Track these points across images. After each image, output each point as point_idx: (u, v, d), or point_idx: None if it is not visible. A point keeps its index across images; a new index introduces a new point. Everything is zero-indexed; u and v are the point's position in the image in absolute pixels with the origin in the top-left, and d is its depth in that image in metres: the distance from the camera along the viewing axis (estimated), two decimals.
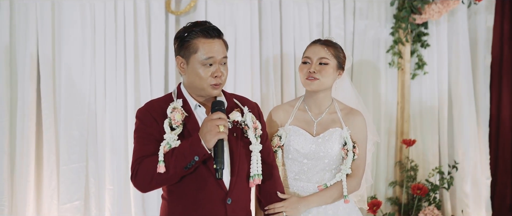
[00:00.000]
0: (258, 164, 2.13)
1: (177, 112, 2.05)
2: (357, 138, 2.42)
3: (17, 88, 3.17)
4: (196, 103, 2.12)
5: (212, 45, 2.05)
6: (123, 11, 3.29)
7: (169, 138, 2.00)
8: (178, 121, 2.04)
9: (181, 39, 2.07)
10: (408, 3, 3.68)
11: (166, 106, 2.08)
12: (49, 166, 3.23)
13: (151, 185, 2.03)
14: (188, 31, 2.07)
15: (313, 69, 2.37)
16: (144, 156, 2.02)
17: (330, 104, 2.47)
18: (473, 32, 4.01)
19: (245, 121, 2.14)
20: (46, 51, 3.20)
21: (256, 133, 2.15)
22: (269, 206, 2.30)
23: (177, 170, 1.97)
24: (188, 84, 2.12)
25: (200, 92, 2.11)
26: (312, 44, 2.45)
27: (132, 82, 3.31)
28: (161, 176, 1.98)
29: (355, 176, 2.43)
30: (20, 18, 3.16)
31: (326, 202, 2.39)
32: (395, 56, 3.81)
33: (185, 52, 2.07)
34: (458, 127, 3.93)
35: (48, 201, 3.23)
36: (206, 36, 2.05)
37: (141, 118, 2.11)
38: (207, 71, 2.05)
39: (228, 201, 2.07)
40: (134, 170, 2.03)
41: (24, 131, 3.16)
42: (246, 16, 3.47)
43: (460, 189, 3.91)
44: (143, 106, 2.16)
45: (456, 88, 3.93)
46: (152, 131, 2.05)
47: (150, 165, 1.99)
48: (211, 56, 2.04)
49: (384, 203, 3.76)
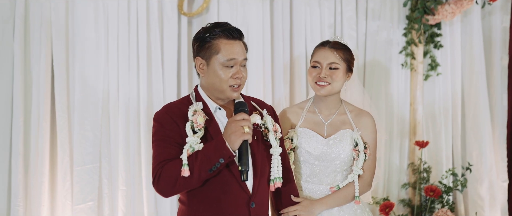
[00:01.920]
0: (279, 167, 2.11)
1: (199, 115, 2.00)
2: (367, 139, 2.42)
3: (32, 89, 3.20)
4: (216, 106, 2.09)
5: (234, 47, 2.02)
6: (136, 13, 3.31)
7: (192, 141, 1.95)
8: (200, 124, 1.99)
9: (202, 40, 2.03)
10: (421, 4, 3.66)
11: (185, 109, 2.04)
12: (63, 167, 3.26)
13: (175, 190, 1.97)
14: (209, 31, 2.02)
15: (324, 74, 2.36)
16: (166, 160, 1.97)
17: (340, 106, 2.47)
18: (487, 32, 3.97)
19: (264, 124, 2.12)
20: (60, 52, 3.23)
21: (276, 136, 2.13)
22: (283, 210, 2.29)
23: (202, 174, 1.93)
24: (208, 85, 2.08)
25: (219, 94, 2.08)
26: (321, 47, 2.43)
27: (145, 83, 3.33)
28: (185, 180, 1.92)
29: (366, 177, 2.42)
30: (34, 19, 3.19)
31: (339, 204, 2.39)
32: (408, 57, 3.79)
33: (206, 53, 2.03)
34: (472, 128, 3.90)
35: (62, 202, 3.26)
36: (228, 37, 2.02)
37: (160, 121, 2.03)
38: (227, 72, 2.02)
39: (252, 205, 2.04)
40: (156, 174, 1.97)
41: (38, 132, 3.19)
42: (258, 17, 3.48)
43: (474, 191, 3.88)
44: (161, 109, 2.10)
45: (470, 89, 3.89)
46: (173, 134, 2.00)
47: (173, 169, 1.93)
48: (232, 57, 2.01)
49: (396, 205, 3.74)
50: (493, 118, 3.95)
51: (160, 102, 3.32)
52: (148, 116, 3.32)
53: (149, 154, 3.31)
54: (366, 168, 2.41)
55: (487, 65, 3.94)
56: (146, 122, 3.31)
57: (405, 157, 3.86)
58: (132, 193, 3.32)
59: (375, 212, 3.61)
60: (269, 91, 3.51)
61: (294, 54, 3.63)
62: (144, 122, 3.31)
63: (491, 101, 3.96)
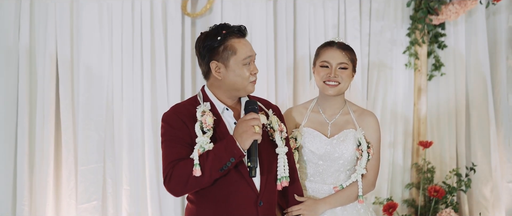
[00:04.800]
0: (285, 166, 2.13)
1: (208, 116, 2.02)
2: (370, 139, 2.43)
3: (37, 89, 3.22)
4: (224, 106, 2.10)
5: (247, 44, 2.07)
6: (140, 13, 3.33)
7: (202, 141, 1.97)
8: (210, 124, 2.01)
9: (213, 44, 2.03)
10: (425, 4, 3.65)
11: (193, 109, 2.05)
12: (68, 167, 3.28)
13: (186, 189, 2.00)
14: (219, 34, 2.03)
15: (334, 74, 2.38)
16: (176, 159, 1.99)
17: (344, 106, 2.48)
18: (492, 32, 3.95)
19: (270, 124, 2.14)
20: (65, 52, 3.25)
21: (282, 135, 2.15)
22: (287, 209, 2.31)
23: (213, 173, 1.95)
24: (226, 86, 2.08)
25: (237, 93, 2.10)
26: (329, 47, 2.44)
27: (149, 83, 3.34)
28: (196, 180, 1.95)
29: (370, 176, 2.43)
30: (40, 19, 3.21)
31: (342, 203, 2.40)
32: (412, 57, 3.79)
33: (222, 56, 2.03)
34: (476, 128, 3.88)
35: (66, 201, 3.28)
36: (239, 36, 2.05)
37: (169, 121, 2.05)
38: (248, 69, 2.06)
39: (260, 204, 2.06)
40: (167, 174, 1.99)
41: (43, 132, 3.21)
42: (261, 18, 3.48)
43: (478, 192, 3.86)
44: (169, 110, 2.11)
45: (474, 89, 3.88)
46: (182, 134, 2.02)
47: (184, 169, 1.96)
48: (250, 54, 2.06)
49: (400, 205, 3.74)
50: (498, 118, 3.93)
51: (164, 102, 3.33)
52: (152, 116, 3.33)
53: (153, 153, 3.33)
54: (369, 168, 2.42)
55: (491, 65, 3.92)
56: (150, 122, 3.32)
57: (409, 157, 3.86)
58: (136, 192, 3.34)
59: (378, 212, 3.61)
60: (273, 92, 3.51)
61: (297, 54, 3.63)
62: (148, 122, 3.32)
63: (495, 101, 3.94)
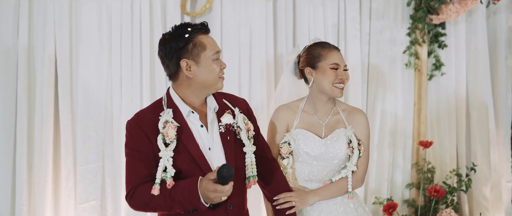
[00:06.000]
0: (253, 165, 2.12)
1: (169, 128, 1.98)
2: (360, 136, 2.45)
3: (36, 89, 3.22)
4: (189, 110, 2.07)
5: (213, 39, 2.08)
6: (139, 13, 3.32)
7: (165, 155, 1.96)
8: (172, 137, 1.98)
9: (182, 42, 2.01)
10: (425, 4, 3.64)
11: (155, 118, 2.01)
12: (67, 166, 3.28)
13: (146, 212, 2.05)
14: (185, 33, 2.01)
15: (344, 76, 2.41)
16: (138, 184, 1.99)
17: (334, 106, 2.50)
18: (492, 32, 3.95)
19: (237, 123, 2.12)
20: (64, 52, 3.25)
21: (249, 134, 2.13)
22: (278, 195, 2.29)
23: (175, 211, 1.98)
24: (197, 85, 2.06)
25: (206, 91, 2.08)
26: (333, 49, 2.44)
27: (148, 82, 3.34)
28: (158, 207, 1.97)
29: (359, 173, 2.45)
30: (38, 20, 3.21)
31: (332, 196, 2.42)
32: (412, 57, 3.78)
33: (192, 53, 2.02)
34: (476, 128, 3.88)
35: (65, 201, 3.28)
36: (205, 32, 2.06)
37: (132, 132, 2.03)
38: (218, 65, 2.06)
39: (229, 207, 2.06)
40: (129, 192, 2.00)
41: (42, 131, 3.21)
42: (261, 17, 3.48)
43: (478, 192, 3.86)
44: (132, 118, 2.07)
45: (474, 89, 3.87)
46: (143, 148, 2.00)
47: (145, 196, 1.96)
48: (218, 50, 2.07)
49: (400, 205, 3.73)
50: (498, 118, 3.92)
51: None
52: None
53: None
54: (359, 165, 2.43)
55: (491, 65, 3.92)
56: None
57: (409, 157, 3.85)
58: None
59: (378, 212, 3.60)
60: (272, 90, 3.50)
61: None
62: None
63: (495, 101, 3.93)
